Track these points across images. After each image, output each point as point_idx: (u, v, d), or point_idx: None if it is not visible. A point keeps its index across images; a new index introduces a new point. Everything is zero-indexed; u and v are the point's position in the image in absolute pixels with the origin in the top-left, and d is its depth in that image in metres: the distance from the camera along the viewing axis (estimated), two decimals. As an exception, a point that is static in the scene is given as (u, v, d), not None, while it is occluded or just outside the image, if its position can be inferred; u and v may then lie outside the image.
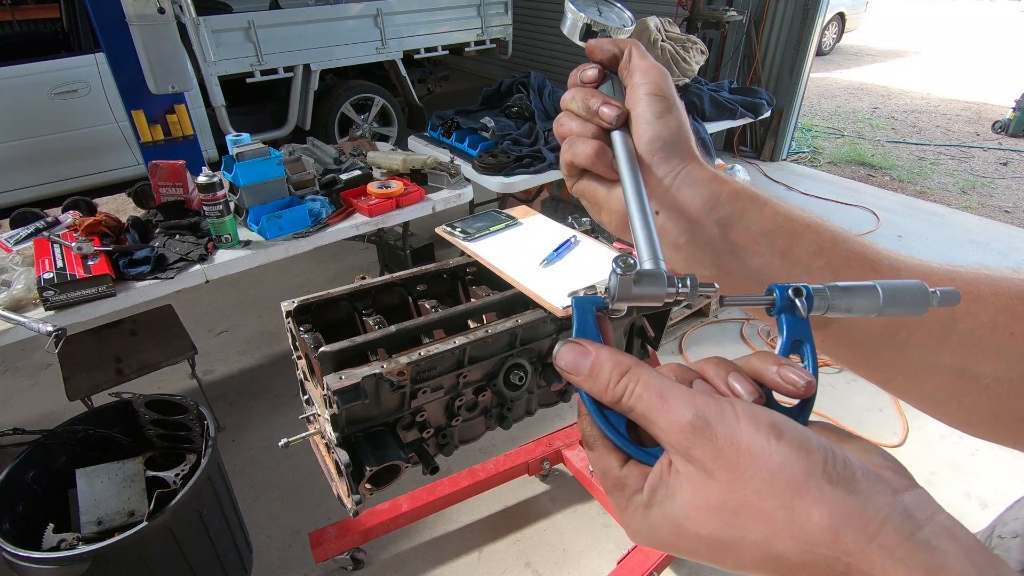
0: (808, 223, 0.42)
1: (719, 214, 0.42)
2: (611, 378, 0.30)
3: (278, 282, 3.57)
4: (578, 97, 0.45)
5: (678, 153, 0.42)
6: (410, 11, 4.96)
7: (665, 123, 0.42)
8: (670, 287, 0.32)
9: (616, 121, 0.43)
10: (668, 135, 0.42)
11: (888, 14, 14.48)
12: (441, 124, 3.21)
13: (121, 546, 1.37)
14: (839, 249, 0.41)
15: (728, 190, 0.42)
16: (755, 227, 0.42)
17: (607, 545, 2.02)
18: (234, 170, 2.12)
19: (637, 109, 0.43)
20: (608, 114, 0.43)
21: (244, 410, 2.62)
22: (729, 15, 4.48)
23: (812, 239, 0.42)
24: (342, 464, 1.12)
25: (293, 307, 1.29)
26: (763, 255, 0.42)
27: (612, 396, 0.30)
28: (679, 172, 0.42)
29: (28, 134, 3.88)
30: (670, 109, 0.43)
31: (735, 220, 0.42)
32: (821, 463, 0.26)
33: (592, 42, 0.47)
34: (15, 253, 1.95)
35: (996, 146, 5.93)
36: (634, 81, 0.44)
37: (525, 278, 1.31)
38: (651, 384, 0.29)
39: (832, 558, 0.25)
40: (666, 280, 0.32)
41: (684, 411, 0.28)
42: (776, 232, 0.42)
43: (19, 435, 1.70)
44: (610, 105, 0.43)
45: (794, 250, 0.41)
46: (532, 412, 1.48)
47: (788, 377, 0.30)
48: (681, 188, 0.42)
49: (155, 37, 2.86)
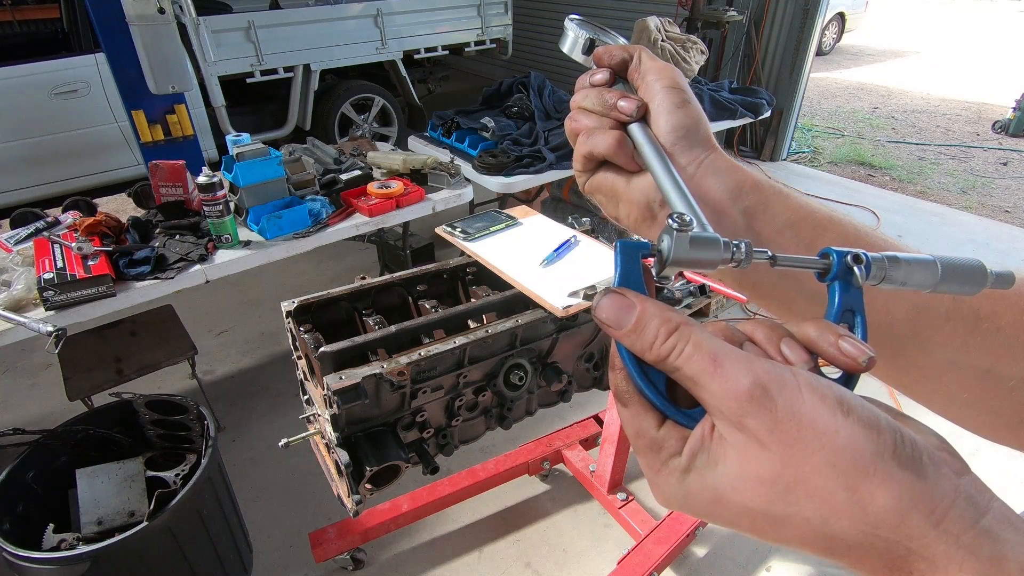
0: (831, 217, 0.42)
1: (744, 203, 0.42)
2: (658, 335, 0.28)
3: (278, 282, 3.57)
4: (592, 95, 0.45)
5: (700, 142, 0.42)
6: (410, 11, 4.96)
7: (685, 112, 0.42)
8: (725, 251, 0.31)
9: (636, 112, 0.43)
10: (690, 123, 0.42)
11: (888, 14, 14.48)
12: (441, 124, 3.21)
13: (121, 546, 1.37)
14: (862, 244, 0.41)
15: (751, 180, 0.42)
16: (780, 218, 0.42)
17: (607, 545, 2.02)
18: (234, 170, 2.12)
19: (655, 102, 0.43)
20: (627, 107, 0.43)
21: (244, 410, 2.62)
22: (729, 15, 4.48)
23: (836, 232, 0.41)
24: (342, 464, 1.12)
25: (293, 307, 1.29)
26: (788, 246, 0.41)
27: (657, 355, 0.29)
28: (702, 160, 0.42)
29: (28, 134, 3.88)
30: (688, 100, 0.43)
31: (760, 210, 0.42)
32: (891, 444, 0.25)
33: (601, 48, 0.48)
34: (15, 253, 1.95)
35: (996, 146, 5.93)
36: (648, 80, 0.44)
37: (525, 278, 1.31)
38: (703, 345, 0.28)
39: (893, 541, 0.25)
40: (722, 244, 0.31)
41: (741, 378, 0.26)
42: (801, 223, 0.42)
43: (19, 435, 1.70)
44: (628, 99, 0.43)
45: (819, 242, 0.41)
46: (532, 412, 1.48)
47: (847, 351, 0.28)
48: (705, 177, 0.42)
49: (155, 37, 2.86)
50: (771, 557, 1.98)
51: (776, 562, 1.97)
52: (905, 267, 0.32)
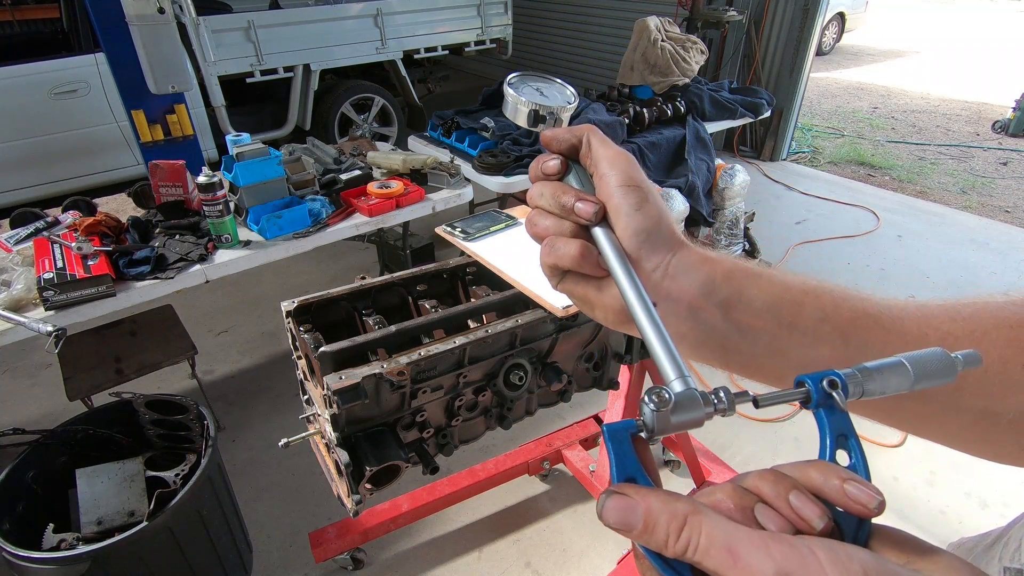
0: (805, 289, 0.42)
1: (718, 296, 0.41)
2: (669, 532, 0.28)
3: (278, 282, 3.57)
4: (547, 193, 0.44)
5: (664, 242, 0.42)
6: (410, 11, 4.96)
7: (645, 214, 0.41)
8: (706, 407, 0.32)
9: (595, 217, 0.42)
10: (651, 226, 0.41)
11: (888, 14, 14.48)
12: (441, 124, 3.21)
13: (121, 546, 1.37)
14: (842, 311, 0.41)
15: (722, 270, 0.42)
16: (756, 302, 0.41)
17: (607, 545, 2.02)
18: (234, 170, 2.12)
19: (612, 202, 0.42)
20: (585, 210, 0.42)
21: (244, 410, 2.62)
22: (729, 15, 4.47)
23: (814, 305, 0.41)
24: (342, 464, 1.12)
25: (293, 307, 1.29)
26: (769, 329, 0.41)
27: (674, 552, 0.28)
28: (669, 262, 0.42)
29: (28, 134, 3.88)
30: (646, 198, 0.42)
31: (735, 300, 0.41)
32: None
33: (547, 134, 0.46)
34: (15, 253, 1.95)
35: (996, 146, 5.93)
36: (601, 171, 0.43)
37: (525, 278, 1.31)
38: (716, 537, 0.27)
39: None
40: (701, 401, 0.32)
41: (763, 566, 0.26)
42: (778, 304, 0.41)
43: (19, 435, 1.70)
44: (585, 201, 0.42)
45: (799, 320, 0.41)
46: (532, 412, 1.49)
47: (855, 496, 0.28)
48: (676, 277, 0.41)
49: (155, 37, 2.86)
50: (771, 557, 1.98)
51: (776, 562, 1.97)
52: (879, 376, 0.32)
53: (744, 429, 2.49)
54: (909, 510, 2.14)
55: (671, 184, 3.07)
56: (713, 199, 3.25)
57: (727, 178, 3.18)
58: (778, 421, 2.50)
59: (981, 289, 3.76)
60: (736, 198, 3.24)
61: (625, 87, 3.55)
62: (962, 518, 2.11)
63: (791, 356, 0.42)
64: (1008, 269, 3.68)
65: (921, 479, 2.25)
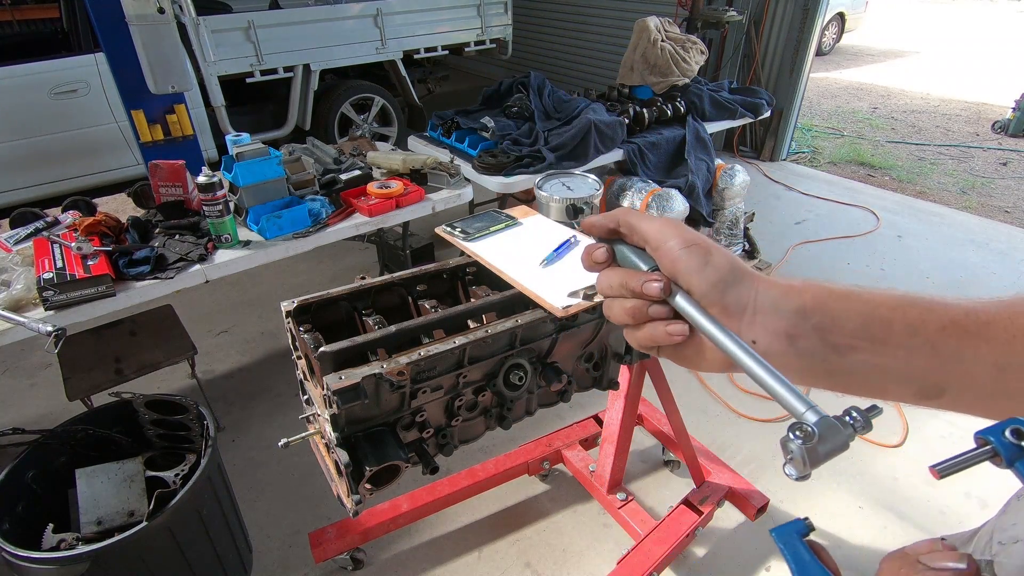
0: (893, 304, 0.43)
1: (812, 323, 0.43)
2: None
3: (278, 282, 3.57)
4: (615, 283, 0.46)
5: (743, 283, 0.43)
6: (410, 11, 4.96)
7: (715, 266, 0.43)
8: (848, 430, 0.32)
9: (663, 293, 0.44)
10: (725, 274, 0.43)
11: (888, 14, 14.48)
12: (441, 124, 3.21)
13: (121, 546, 1.37)
14: (930, 323, 0.42)
15: (810, 297, 0.43)
16: (849, 324, 0.43)
17: (607, 545, 2.02)
18: (234, 170, 2.12)
19: (680, 265, 0.43)
20: (654, 288, 0.44)
21: (244, 410, 2.62)
22: (729, 15, 4.47)
23: (902, 320, 0.42)
24: (342, 464, 1.12)
25: (293, 307, 1.29)
26: (865, 348, 0.42)
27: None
28: (755, 299, 0.43)
29: (28, 134, 3.88)
30: (709, 250, 0.43)
31: (829, 323, 0.43)
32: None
33: (587, 222, 0.48)
34: (15, 253, 1.95)
35: (996, 146, 5.93)
36: (655, 243, 0.45)
37: (525, 278, 1.31)
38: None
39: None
40: (840, 426, 0.32)
41: None
42: (869, 323, 0.43)
43: (19, 435, 1.70)
44: (651, 281, 0.44)
45: (891, 335, 0.42)
46: (532, 412, 1.48)
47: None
48: (766, 312, 0.43)
49: (155, 37, 2.86)
50: (770, 557, 1.99)
51: (775, 562, 1.97)
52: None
53: (744, 429, 2.49)
54: (909, 510, 2.14)
55: (671, 184, 3.07)
56: (713, 199, 3.25)
57: (727, 178, 3.18)
58: (778, 421, 2.50)
59: (981, 289, 3.76)
60: (736, 198, 3.24)
61: (625, 87, 3.55)
62: (962, 518, 2.11)
63: (890, 370, 0.43)
64: (1008, 269, 3.68)
65: (921, 479, 2.25)
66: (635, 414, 1.86)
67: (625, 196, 2.96)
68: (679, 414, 1.90)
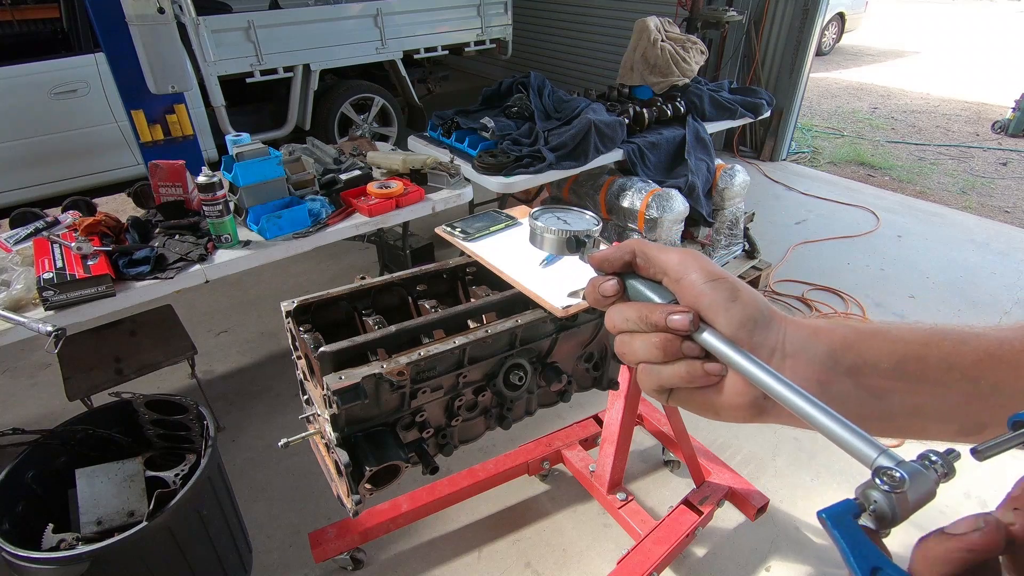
0: (924, 340, 0.41)
1: (844, 366, 0.41)
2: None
3: (278, 282, 3.57)
4: (632, 317, 0.42)
5: (770, 323, 0.41)
6: (410, 11, 4.96)
7: (743, 303, 0.40)
8: (932, 476, 0.30)
9: (692, 326, 0.40)
10: (754, 312, 0.40)
11: (888, 14, 14.48)
12: (441, 124, 3.21)
13: (121, 546, 1.37)
14: (965, 356, 0.40)
15: (839, 338, 0.41)
16: (882, 364, 0.41)
17: (607, 545, 2.02)
18: (234, 170, 2.12)
19: (705, 300, 0.40)
20: (682, 322, 0.40)
21: (244, 410, 2.62)
22: (729, 15, 4.47)
23: (936, 356, 0.41)
24: (342, 464, 1.12)
25: (293, 307, 1.29)
26: (900, 388, 0.41)
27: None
28: (783, 341, 0.41)
29: (28, 134, 3.88)
30: (736, 286, 0.41)
31: (860, 365, 0.41)
32: None
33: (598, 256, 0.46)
34: (15, 253, 1.95)
35: (996, 146, 5.93)
36: (675, 275, 0.42)
37: (525, 278, 1.31)
38: None
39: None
40: (923, 469, 0.30)
41: None
42: (903, 361, 0.41)
43: (19, 435, 1.71)
44: (677, 312, 0.40)
45: (926, 372, 0.40)
46: (532, 412, 1.49)
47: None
48: (796, 356, 0.40)
49: (155, 37, 2.86)
50: (770, 557, 1.99)
51: (775, 562, 1.97)
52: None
53: (744, 428, 2.49)
54: (909, 510, 2.14)
55: (671, 184, 3.07)
56: (713, 199, 3.25)
57: (727, 178, 3.18)
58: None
59: (981, 289, 3.74)
60: (736, 198, 3.24)
61: (625, 87, 3.55)
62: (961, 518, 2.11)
63: (928, 409, 0.41)
64: (1008, 269, 3.68)
65: (921, 479, 2.25)
66: (635, 414, 1.86)
67: (625, 196, 2.96)
68: (679, 414, 1.90)
